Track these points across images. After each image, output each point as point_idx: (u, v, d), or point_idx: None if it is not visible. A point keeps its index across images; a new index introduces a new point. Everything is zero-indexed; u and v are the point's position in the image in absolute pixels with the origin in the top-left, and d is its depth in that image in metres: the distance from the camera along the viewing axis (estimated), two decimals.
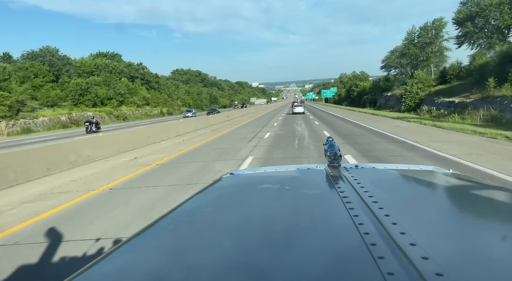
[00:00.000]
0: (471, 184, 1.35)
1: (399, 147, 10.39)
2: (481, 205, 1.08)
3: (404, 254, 0.64)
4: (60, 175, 8.53)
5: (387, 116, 28.74)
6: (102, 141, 11.97)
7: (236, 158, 9.68)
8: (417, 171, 1.48)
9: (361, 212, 0.86)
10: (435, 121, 20.65)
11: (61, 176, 8.46)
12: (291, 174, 1.51)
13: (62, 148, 10.01)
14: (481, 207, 1.06)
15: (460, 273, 0.61)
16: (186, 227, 0.97)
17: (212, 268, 0.70)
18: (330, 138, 1.61)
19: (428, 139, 11.73)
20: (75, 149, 10.14)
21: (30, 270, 3.54)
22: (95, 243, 4.00)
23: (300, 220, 0.93)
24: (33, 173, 8.19)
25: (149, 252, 0.82)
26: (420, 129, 16.04)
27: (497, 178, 6.14)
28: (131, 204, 5.68)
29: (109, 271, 0.74)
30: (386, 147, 10.61)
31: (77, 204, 5.89)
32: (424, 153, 9.14)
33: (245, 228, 0.92)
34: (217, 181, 1.47)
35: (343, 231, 0.82)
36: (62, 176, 8.46)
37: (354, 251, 0.70)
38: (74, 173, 8.75)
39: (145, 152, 11.98)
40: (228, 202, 1.20)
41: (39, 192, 6.89)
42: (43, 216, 5.29)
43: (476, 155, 8.49)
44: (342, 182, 1.19)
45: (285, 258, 0.69)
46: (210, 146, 13.09)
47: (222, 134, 18.05)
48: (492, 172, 6.55)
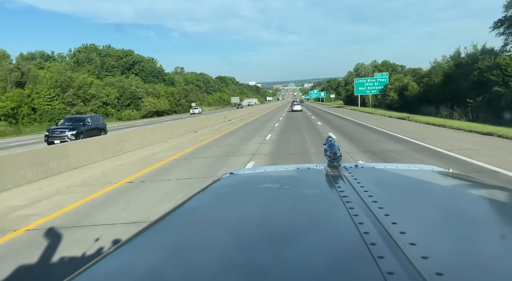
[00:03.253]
0: (470, 184, 1.35)
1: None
2: (480, 205, 1.08)
3: (404, 253, 0.64)
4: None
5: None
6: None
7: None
8: (417, 171, 1.48)
9: (361, 212, 0.86)
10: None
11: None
12: (291, 174, 1.50)
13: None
14: (480, 206, 1.06)
15: (460, 273, 0.61)
16: (187, 227, 0.97)
17: (212, 267, 0.70)
18: (330, 137, 1.60)
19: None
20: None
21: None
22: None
23: (300, 220, 0.93)
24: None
25: (149, 252, 0.83)
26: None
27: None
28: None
29: (110, 271, 0.74)
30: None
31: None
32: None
33: (245, 227, 0.92)
34: (216, 181, 1.46)
35: (343, 230, 0.81)
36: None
37: (354, 250, 0.70)
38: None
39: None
40: (228, 202, 1.19)
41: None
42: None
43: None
44: (342, 181, 1.18)
45: (285, 258, 0.69)
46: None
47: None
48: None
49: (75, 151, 10.18)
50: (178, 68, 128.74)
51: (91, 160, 10.59)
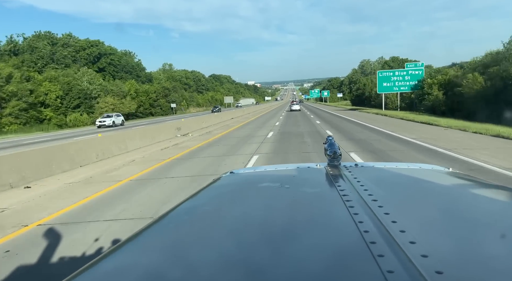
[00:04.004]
0: (470, 183, 1.35)
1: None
2: (480, 204, 1.08)
3: (404, 252, 0.64)
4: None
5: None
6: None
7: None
8: (417, 170, 1.48)
9: (361, 211, 0.86)
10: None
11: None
12: (291, 173, 1.50)
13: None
14: (480, 205, 1.05)
15: (460, 271, 0.61)
16: (187, 226, 0.97)
17: (213, 266, 0.70)
18: (330, 136, 1.60)
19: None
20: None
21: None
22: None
23: (300, 218, 0.93)
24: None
25: (149, 251, 0.83)
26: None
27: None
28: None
29: (110, 270, 0.74)
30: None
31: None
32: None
33: (245, 226, 0.92)
34: (217, 180, 1.46)
35: (343, 229, 0.81)
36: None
37: (354, 249, 0.70)
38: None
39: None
40: (228, 201, 1.19)
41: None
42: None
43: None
44: (342, 180, 1.19)
45: (285, 257, 0.69)
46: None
47: None
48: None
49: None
50: (166, 64, 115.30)
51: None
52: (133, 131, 15.10)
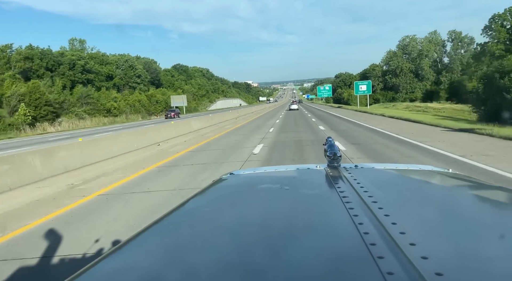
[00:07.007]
0: (470, 184, 1.34)
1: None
2: (480, 205, 1.07)
3: (404, 253, 0.64)
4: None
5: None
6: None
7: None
8: (417, 171, 1.48)
9: (361, 212, 0.86)
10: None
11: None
12: (291, 174, 1.50)
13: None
14: (480, 206, 1.05)
15: (460, 273, 0.61)
16: (186, 227, 0.97)
17: (212, 268, 0.70)
18: (330, 138, 1.60)
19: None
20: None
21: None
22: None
23: (300, 220, 0.93)
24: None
25: (149, 252, 0.83)
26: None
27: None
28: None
29: (110, 271, 0.74)
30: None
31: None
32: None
33: (245, 228, 0.92)
34: (216, 182, 1.46)
35: (342, 231, 0.81)
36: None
37: (354, 250, 0.70)
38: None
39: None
40: (228, 202, 1.19)
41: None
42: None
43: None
44: (342, 182, 1.18)
45: (285, 258, 0.69)
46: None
47: None
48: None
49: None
50: (75, 40, 67.20)
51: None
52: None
